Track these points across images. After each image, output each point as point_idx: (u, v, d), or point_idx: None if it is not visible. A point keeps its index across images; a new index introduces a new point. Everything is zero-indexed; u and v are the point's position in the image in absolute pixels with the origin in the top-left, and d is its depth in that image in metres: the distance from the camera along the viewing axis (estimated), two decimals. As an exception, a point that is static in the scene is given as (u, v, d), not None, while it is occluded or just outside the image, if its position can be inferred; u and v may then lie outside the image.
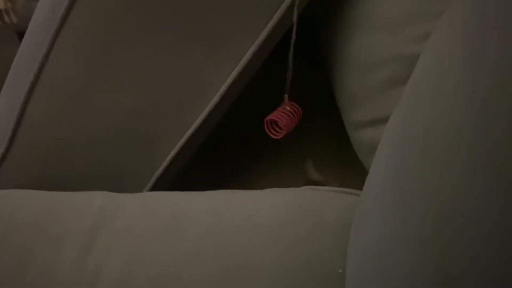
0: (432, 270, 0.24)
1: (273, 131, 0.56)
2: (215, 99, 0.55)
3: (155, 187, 0.60)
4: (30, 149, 0.58)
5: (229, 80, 0.54)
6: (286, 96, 0.56)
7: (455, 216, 0.23)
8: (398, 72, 0.48)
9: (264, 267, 0.41)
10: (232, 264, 0.42)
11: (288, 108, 0.56)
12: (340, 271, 0.39)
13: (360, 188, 0.41)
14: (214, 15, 0.51)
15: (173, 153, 0.58)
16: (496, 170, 0.21)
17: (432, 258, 0.24)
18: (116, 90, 0.55)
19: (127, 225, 0.47)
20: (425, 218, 0.25)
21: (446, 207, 0.24)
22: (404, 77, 0.42)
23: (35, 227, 0.49)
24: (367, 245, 0.34)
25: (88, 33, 0.52)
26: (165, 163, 0.58)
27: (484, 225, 0.21)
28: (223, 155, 0.69)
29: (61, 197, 0.53)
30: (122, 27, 0.51)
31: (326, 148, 0.59)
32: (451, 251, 0.23)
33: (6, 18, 1.08)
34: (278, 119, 0.55)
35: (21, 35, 1.06)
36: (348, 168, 0.58)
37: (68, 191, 0.54)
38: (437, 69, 0.30)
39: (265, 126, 0.56)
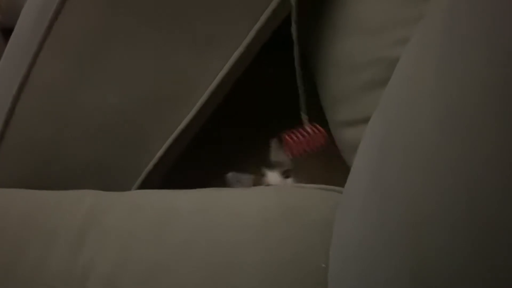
0: (407, 273, 0.25)
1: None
2: (203, 98, 0.56)
3: (144, 184, 0.60)
4: (19, 149, 0.58)
5: (217, 80, 0.55)
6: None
7: (430, 220, 0.23)
8: (378, 74, 0.50)
9: (251, 263, 0.42)
10: (219, 261, 0.43)
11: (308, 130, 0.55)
12: (324, 265, 0.41)
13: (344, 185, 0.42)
14: (202, 16, 0.52)
15: (161, 151, 0.59)
16: (468, 175, 0.22)
17: (408, 262, 0.25)
18: (104, 89, 0.55)
19: (117, 223, 0.48)
20: (402, 221, 0.26)
21: (422, 210, 0.24)
22: (384, 80, 0.43)
23: (27, 223, 0.49)
24: (349, 246, 0.35)
25: (77, 34, 0.52)
26: (154, 160, 0.59)
27: (458, 229, 0.21)
28: (212, 153, 0.70)
29: (52, 196, 0.54)
30: (111, 28, 0.52)
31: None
32: (425, 255, 0.23)
33: (-10, 15, 1.07)
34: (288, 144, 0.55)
35: (4, 31, 1.05)
36: (332, 165, 0.60)
37: (58, 188, 0.55)
38: (413, 74, 0.32)
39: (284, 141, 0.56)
